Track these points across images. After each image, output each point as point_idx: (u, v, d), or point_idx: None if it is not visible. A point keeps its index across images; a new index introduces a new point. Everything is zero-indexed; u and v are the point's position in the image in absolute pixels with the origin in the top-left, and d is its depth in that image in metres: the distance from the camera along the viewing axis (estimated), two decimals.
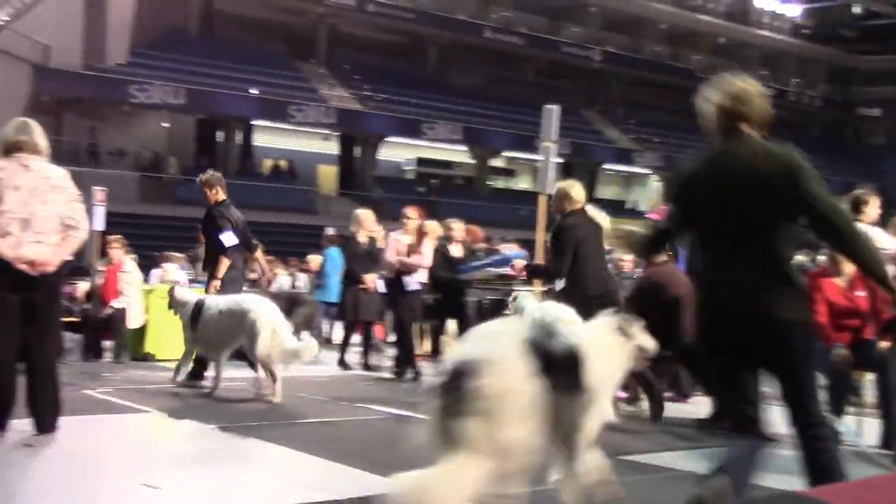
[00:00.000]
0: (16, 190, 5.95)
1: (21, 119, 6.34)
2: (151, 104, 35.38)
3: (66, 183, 6.21)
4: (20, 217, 5.94)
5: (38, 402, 6.08)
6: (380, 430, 7.32)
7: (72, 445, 6.05)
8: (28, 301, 6.02)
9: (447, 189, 43.52)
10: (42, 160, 6.17)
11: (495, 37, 47.30)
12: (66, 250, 6.16)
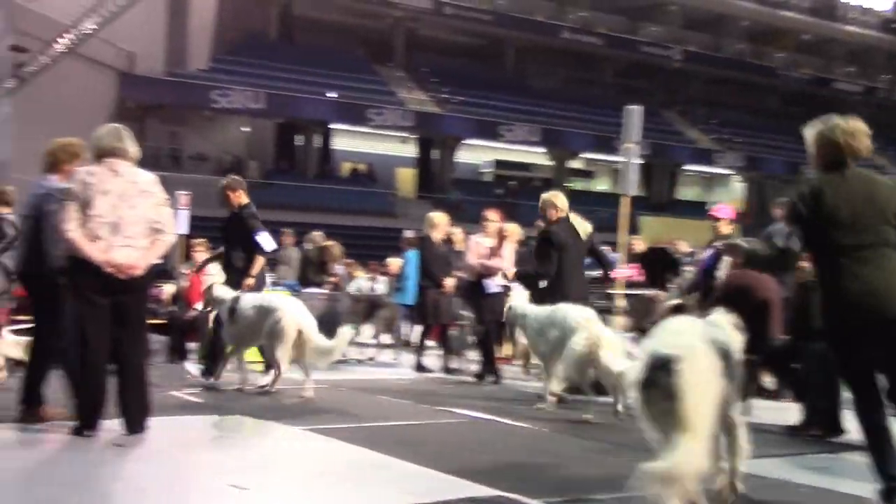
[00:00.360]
0: (105, 195, 6.04)
1: (113, 125, 6.44)
2: (232, 109, 35.92)
3: (153, 187, 6.29)
4: (109, 221, 6.03)
5: (128, 402, 6.15)
6: (463, 433, 7.25)
7: (160, 445, 6.10)
8: (117, 304, 6.10)
9: (525, 191, 43.31)
10: (132, 165, 6.26)
11: (573, 37, 46.98)
12: (153, 254, 6.24)
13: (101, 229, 6.01)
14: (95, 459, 5.69)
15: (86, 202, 6.02)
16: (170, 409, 7.54)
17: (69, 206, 6.06)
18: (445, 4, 43.74)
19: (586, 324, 8.02)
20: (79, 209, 6.03)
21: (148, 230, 6.18)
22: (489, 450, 6.47)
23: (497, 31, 45.76)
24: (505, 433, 7.31)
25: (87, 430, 6.06)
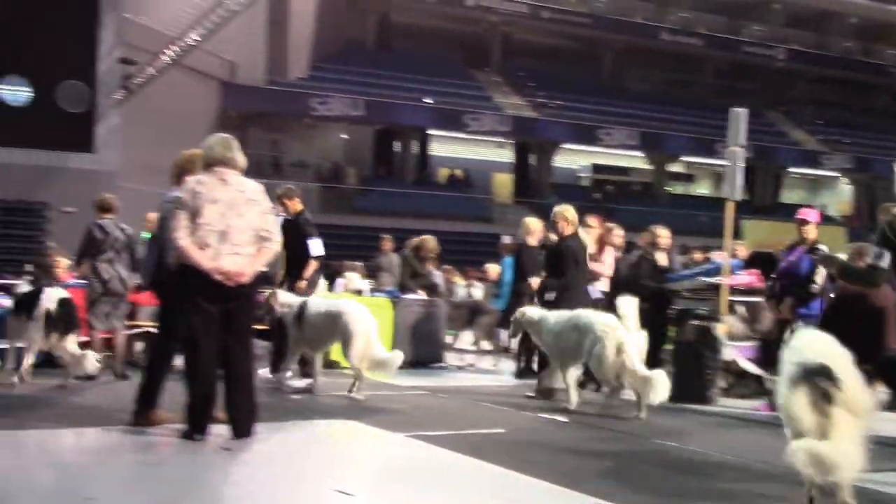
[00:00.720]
0: (214, 203, 6.16)
1: (222, 135, 6.61)
2: (331, 116, 36.37)
3: (260, 196, 6.41)
4: (218, 230, 6.15)
5: (235, 407, 6.24)
6: (565, 440, 7.16)
7: (267, 450, 6.16)
8: (225, 311, 6.20)
9: (624, 195, 42.88)
10: (240, 175, 6.39)
11: (673, 38, 46.26)
12: (260, 261, 6.35)
13: (209, 237, 6.13)
14: (205, 463, 5.78)
15: (195, 211, 6.15)
16: (276, 414, 7.64)
17: (179, 214, 6.19)
18: (542, 8, 43.55)
19: (613, 330, 8.45)
20: (189, 218, 6.15)
21: (255, 238, 6.28)
22: (594, 458, 6.38)
23: (594, 34, 45.38)
24: (609, 439, 7.20)
25: (196, 434, 6.17)
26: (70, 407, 8.15)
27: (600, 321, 8.62)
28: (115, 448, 6.28)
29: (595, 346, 8.49)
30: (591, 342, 8.54)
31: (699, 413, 8.98)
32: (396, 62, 41.16)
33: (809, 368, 4.87)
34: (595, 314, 8.85)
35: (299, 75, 37.64)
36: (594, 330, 8.55)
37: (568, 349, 8.83)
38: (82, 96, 27.55)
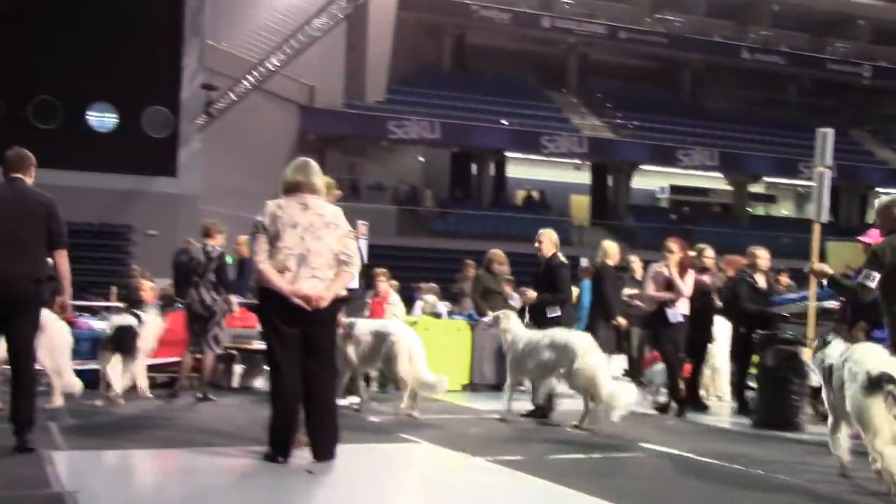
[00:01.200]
0: (293, 227, 6.19)
1: (301, 159, 6.59)
2: (408, 139, 36.59)
3: (339, 220, 6.41)
4: (297, 253, 6.17)
5: (317, 430, 6.23)
6: (649, 467, 7.00)
7: (350, 473, 6.14)
8: (306, 334, 6.20)
9: (704, 216, 42.29)
10: (318, 198, 6.39)
11: (754, 57, 45.54)
12: (339, 285, 6.34)
13: (289, 261, 6.16)
14: (287, 486, 5.76)
15: (275, 235, 6.19)
16: (357, 436, 7.64)
17: (259, 238, 6.23)
18: (619, 28, 43.31)
19: (590, 349, 8.94)
20: (268, 241, 6.19)
21: (334, 262, 6.28)
22: (677, 486, 6.22)
23: (673, 54, 44.96)
24: (694, 468, 7.02)
25: (279, 457, 6.16)
26: (152, 428, 8.25)
27: (578, 340, 9.07)
28: (195, 470, 6.31)
29: (573, 363, 8.85)
30: (569, 359, 8.89)
31: (787, 440, 8.73)
32: (473, 84, 41.31)
33: (878, 377, 5.72)
34: (571, 333, 9.37)
35: (377, 99, 37.99)
36: (572, 348, 8.92)
37: (545, 366, 9.17)
38: (166, 122, 28.18)
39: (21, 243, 6.65)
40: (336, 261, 6.31)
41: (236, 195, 26.16)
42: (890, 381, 5.70)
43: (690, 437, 8.21)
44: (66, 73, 26.25)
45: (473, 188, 39.38)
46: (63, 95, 26.92)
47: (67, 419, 8.48)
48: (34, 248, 6.73)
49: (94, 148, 26.81)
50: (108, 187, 26.49)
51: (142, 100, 27.81)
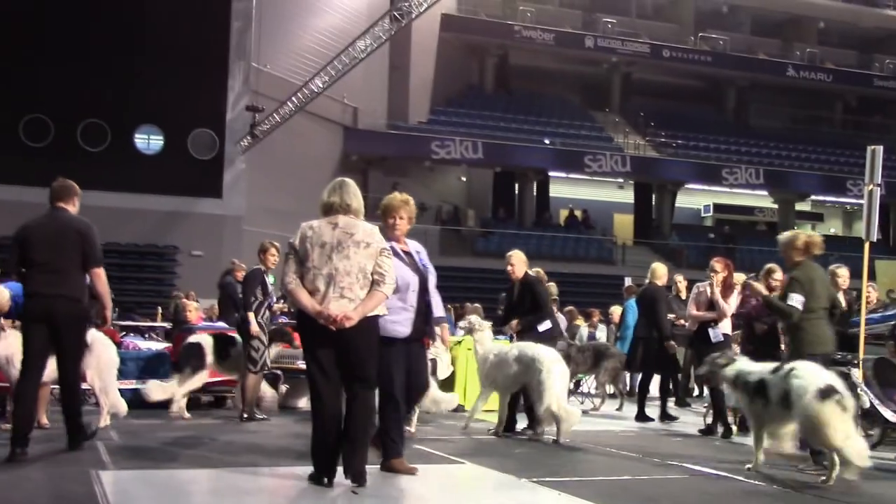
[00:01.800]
0: (321, 247, 6.13)
1: (338, 179, 6.53)
2: (451, 159, 36.68)
3: (371, 238, 6.24)
4: (325, 273, 6.09)
5: (349, 452, 6.12)
6: (698, 491, 6.88)
7: (396, 494, 6.09)
8: (341, 354, 6.14)
9: (749, 235, 41.84)
10: (353, 217, 6.29)
11: (799, 74, 45.13)
12: (371, 305, 6.15)
13: (317, 281, 6.10)
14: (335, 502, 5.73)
15: (304, 255, 6.15)
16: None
17: (289, 259, 6.22)
18: (663, 47, 43.16)
19: (555, 362, 9.27)
20: (299, 262, 6.17)
21: (364, 281, 6.15)
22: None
23: (717, 72, 44.71)
24: (746, 492, 6.89)
25: (323, 478, 6.12)
26: (197, 448, 8.29)
27: (544, 353, 9.32)
28: (240, 490, 6.31)
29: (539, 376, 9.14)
30: (535, 374, 9.16)
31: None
32: (515, 104, 41.36)
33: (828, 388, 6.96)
34: (539, 347, 9.50)
35: (419, 119, 38.17)
36: (538, 361, 9.21)
37: (513, 379, 9.51)
38: (211, 144, 28.51)
39: (60, 269, 7.42)
40: (367, 280, 6.16)
41: (280, 216, 26.35)
42: (836, 391, 6.98)
43: (742, 460, 8.07)
44: (113, 96, 26.70)
45: (516, 208, 39.35)
46: (111, 119, 27.36)
47: (114, 438, 8.54)
48: (72, 272, 7.49)
49: (140, 170, 27.20)
50: (154, 208, 26.85)
51: (187, 122, 28.19)
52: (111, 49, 26.49)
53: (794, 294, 8.18)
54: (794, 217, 43.15)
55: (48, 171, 29.31)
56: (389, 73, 37.46)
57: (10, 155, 26.00)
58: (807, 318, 8.20)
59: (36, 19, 26.60)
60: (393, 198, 7.27)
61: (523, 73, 42.62)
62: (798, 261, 8.34)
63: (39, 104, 26.63)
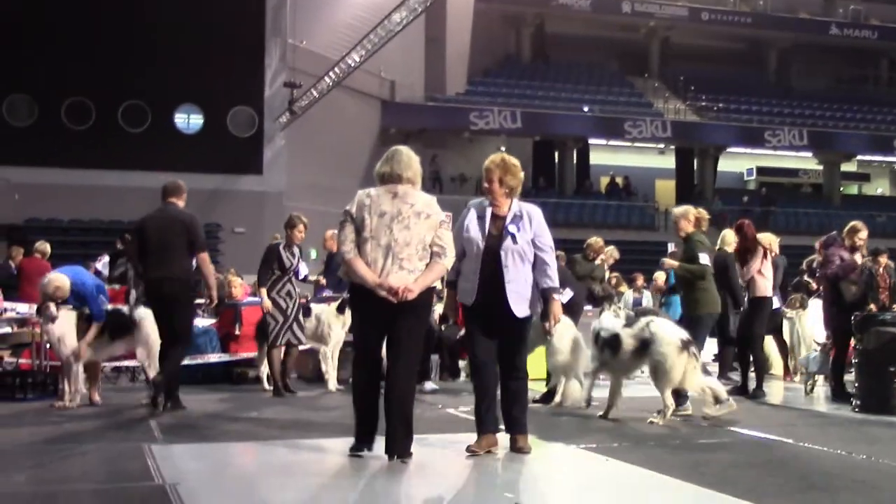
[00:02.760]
0: (380, 217, 5.97)
1: (393, 149, 6.34)
2: (490, 130, 36.53)
3: (431, 209, 6.09)
4: (384, 244, 5.94)
5: (390, 427, 5.98)
6: (745, 453, 6.84)
7: (438, 462, 6.11)
8: (391, 328, 6.03)
9: (793, 198, 41.34)
10: (412, 188, 6.13)
11: (843, 33, 44.29)
12: (430, 277, 6.05)
13: (375, 251, 5.96)
14: (377, 477, 5.76)
15: (361, 224, 6.00)
16: (445, 426, 7.67)
17: (346, 227, 6.05)
18: (702, 10, 42.56)
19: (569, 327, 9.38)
20: (355, 231, 6.02)
21: (423, 253, 6.01)
22: (777, 473, 6.06)
23: (758, 33, 43.99)
24: (794, 454, 6.84)
25: (363, 448, 6.07)
26: (245, 422, 8.40)
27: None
28: (291, 462, 6.37)
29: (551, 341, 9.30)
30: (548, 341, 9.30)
31: (890, 424, 8.46)
32: (553, 73, 41.06)
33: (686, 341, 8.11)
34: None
35: (457, 91, 38.01)
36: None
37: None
38: (250, 121, 28.64)
39: (170, 254, 8.95)
40: (426, 252, 6.02)
41: (320, 191, 26.45)
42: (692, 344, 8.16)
43: (788, 423, 8.02)
44: (153, 78, 26.87)
45: (557, 176, 39.15)
46: (151, 99, 27.56)
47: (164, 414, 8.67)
48: (180, 257, 9.01)
49: (181, 149, 27.39)
50: (196, 187, 26.58)
51: (226, 101, 28.33)
52: (150, 31, 26.65)
53: (702, 254, 9.02)
54: (839, 178, 42.54)
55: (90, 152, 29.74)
56: (426, 45, 37.30)
57: (52, 137, 26.33)
58: (707, 281, 9.13)
59: (77, 3, 26.81)
60: (490, 160, 6.80)
61: (560, 41, 42.22)
62: (691, 231, 9.18)
63: (81, 87, 26.89)
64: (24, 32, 26.25)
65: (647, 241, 32.08)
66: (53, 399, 9.25)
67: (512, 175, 6.66)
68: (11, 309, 11.31)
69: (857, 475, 6.01)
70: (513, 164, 6.72)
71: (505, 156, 6.83)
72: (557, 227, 32.31)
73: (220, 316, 12.58)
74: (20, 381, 9.92)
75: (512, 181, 6.66)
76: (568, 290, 10.11)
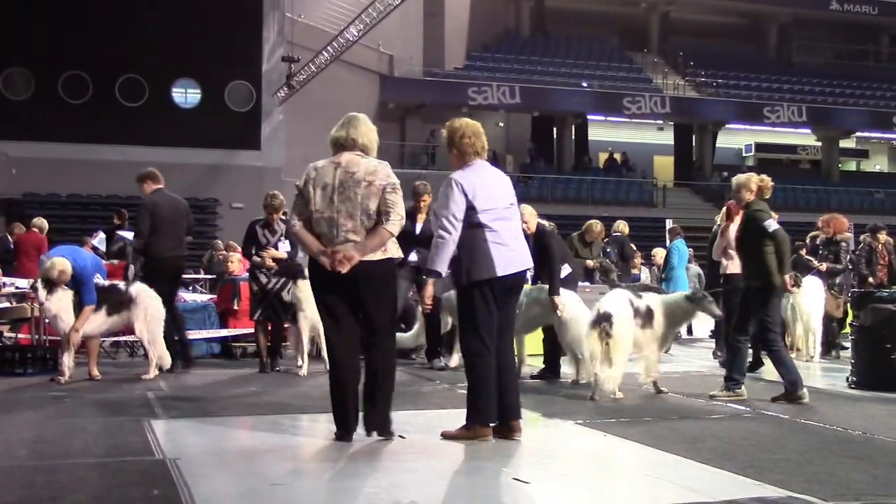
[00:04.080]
0: (323, 189, 5.84)
1: (349, 114, 6.17)
2: (488, 105, 36.41)
3: (375, 175, 5.85)
4: (327, 216, 5.81)
5: (369, 405, 5.92)
6: (741, 429, 6.87)
7: (439, 440, 6.12)
8: (355, 301, 5.88)
9: (792, 174, 41.32)
10: (358, 155, 5.94)
11: (843, 8, 44.07)
12: (374, 244, 5.77)
13: (320, 225, 5.83)
14: (377, 452, 5.78)
15: (308, 197, 5.88)
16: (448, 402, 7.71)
17: (296, 202, 5.96)
18: None
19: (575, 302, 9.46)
20: (304, 204, 5.90)
21: (371, 222, 5.79)
22: (775, 448, 6.09)
23: (758, 8, 43.78)
24: (792, 429, 6.87)
25: (344, 434, 5.93)
26: (244, 397, 8.43)
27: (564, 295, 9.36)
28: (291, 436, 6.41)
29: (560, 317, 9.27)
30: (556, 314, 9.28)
31: (886, 401, 8.50)
32: (552, 48, 40.92)
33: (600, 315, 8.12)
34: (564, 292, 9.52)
35: (456, 66, 37.89)
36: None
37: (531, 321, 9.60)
38: (248, 96, 28.54)
39: (180, 234, 10.26)
40: (370, 220, 5.78)
41: None
42: (607, 318, 8.10)
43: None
44: (150, 51, 26.75)
45: (555, 152, 39.09)
46: (148, 73, 27.45)
47: (163, 388, 8.70)
48: (183, 237, 10.34)
49: (178, 124, 27.34)
50: (194, 162, 26.98)
51: (224, 75, 28.22)
52: (147, 4, 26.52)
53: (769, 221, 8.30)
54: (838, 154, 42.51)
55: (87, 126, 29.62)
56: (424, 19, 37.14)
57: (50, 111, 26.23)
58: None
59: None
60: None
61: (560, 16, 42.03)
62: (751, 199, 8.51)
63: (78, 61, 26.76)
64: (22, 5, 26.10)
65: (646, 217, 32.06)
66: (53, 374, 9.28)
67: (449, 136, 6.53)
68: (10, 283, 11.33)
69: (853, 450, 6.04)
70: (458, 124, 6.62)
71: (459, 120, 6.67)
72: (556, 202, 32.43)
73: (220, 291, 12.60)
74: (19, 356, 9.96)
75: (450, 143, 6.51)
76: (566, 266, 10.18)
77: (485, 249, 5.99)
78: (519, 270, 6.20)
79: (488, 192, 6.18)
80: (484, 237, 6.01)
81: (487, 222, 6.05)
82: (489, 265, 5.99)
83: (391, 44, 34.34)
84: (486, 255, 5.99)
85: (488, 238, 6.03)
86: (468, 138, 6.39)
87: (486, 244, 6.01)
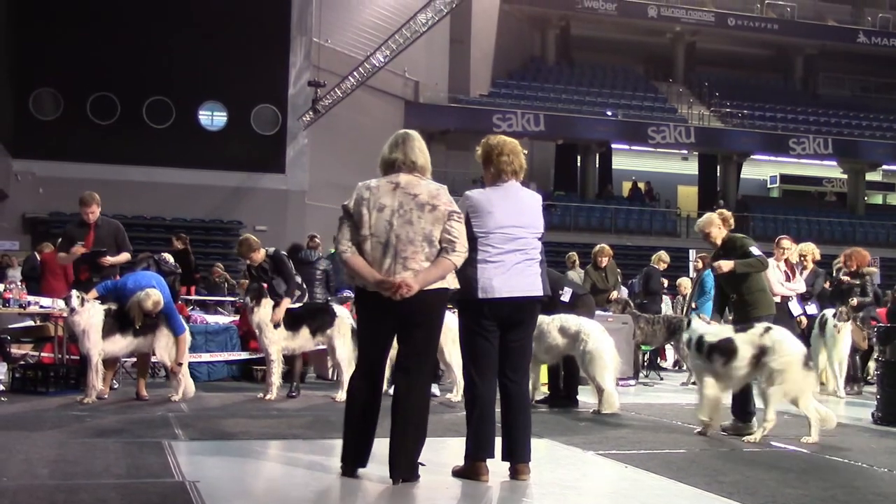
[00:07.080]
0: (380, 211, 5.42)
1: (402, 132, 5.84)
2: (513, 132, 36.30)
3: (438, 199, 5.48)
4: (384, 241, 5.39)
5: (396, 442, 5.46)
6: (764, 463, 6.79)
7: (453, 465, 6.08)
8: (401, 331, 5.53)
9: (817, 206, 41.08)
10: (416, 176, 5.57)
11: (871, 41, 43.94)
12: (435, 274, 5.40)
13: (375, 250, 5.40)
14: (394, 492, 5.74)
15: (360, 220, 5.45)
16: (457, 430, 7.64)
17: (343, 224, 5.51)
18: (728, 15, 42.37)
19: (600, 332, 9.51)
20: (353, 228, 5.48)
21: (431, 250, 5.42)
22: (797, 483, 6.01)
23: (784, 40, 43.76)
24: (813, 464, 6.79)
25: (351, 469, 5.62)
26: (265, 419, 8.42)
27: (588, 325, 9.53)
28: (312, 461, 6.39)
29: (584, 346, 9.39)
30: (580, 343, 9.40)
31: None
32: (578, 76, 41.01)
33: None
34: (582, 320, 9.63)
35: (481, 92, 38.02)
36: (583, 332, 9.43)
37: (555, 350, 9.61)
38: (274, 119, 28.72)
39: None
40: (432, 247, 5.41)
41: (343, 190, 26.16)
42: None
43: (806, 432, 7.96)
44: (177, 74, 27.02)
45: (579, 180, 39.06)
46: (175, 95, 27.70)
47: (184, 410, 8.71)
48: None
49: (204, 146, 27.55)
50: (219, 184, 27.17)
51: (250, 98, 28.44)
52: (175, 27, 26.79)
53: (753, 248, 8.43)
54: (864, 187, 42.25)
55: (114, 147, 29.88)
56: (450, 46, 37.32)
57: (77, 132, 26.49)
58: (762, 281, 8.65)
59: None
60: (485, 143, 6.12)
61: (585, 44, 42.16)
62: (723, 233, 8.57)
63: (106, 82, 27.05)
64: (51, 27, 26.43)
65: (669, 247, 31.68)
66: (75, 393, 9.31)
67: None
68: (35, 302, 11.40)
69: (878, 488, 5.97)
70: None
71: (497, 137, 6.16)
72: (579, 231, 32.36)
73: (241, 314, 12.63)
74: (42, 375, 10.00)
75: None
76: (567, 289, 10.26)
77: (470, 270, 5.63)
78: (512, 296, 5.69)
79: (503, 212, 5.80)
80: (474, 257, 5.64)
81: (488, 243, 5.70)
82: (470, 286, 5.64)
83: (417, 70, 34.51)
84: (471, 275, 5.64)
85: (479, 258, 5.66)
86: (506, 156, 5.93)
87: (474, 264, 5.64)
